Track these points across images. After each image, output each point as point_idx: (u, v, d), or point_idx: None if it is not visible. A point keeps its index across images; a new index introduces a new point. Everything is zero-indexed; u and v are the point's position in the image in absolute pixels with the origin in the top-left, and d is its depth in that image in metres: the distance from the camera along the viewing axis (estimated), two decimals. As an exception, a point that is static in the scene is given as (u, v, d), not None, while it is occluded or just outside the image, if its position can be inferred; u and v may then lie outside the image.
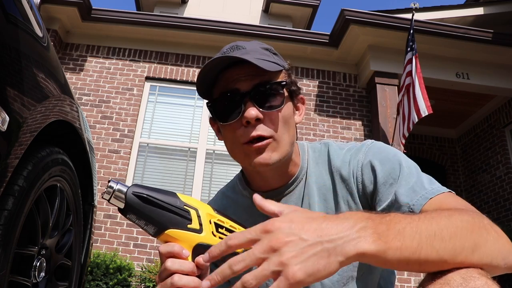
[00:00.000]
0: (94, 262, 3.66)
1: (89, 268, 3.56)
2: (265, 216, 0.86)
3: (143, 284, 3.81)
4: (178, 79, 5.10)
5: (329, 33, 5.10)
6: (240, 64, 0.78)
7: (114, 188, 0.59)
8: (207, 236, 0.62)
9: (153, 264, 3.90)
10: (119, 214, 4.35)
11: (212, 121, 0.89)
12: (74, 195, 1.28)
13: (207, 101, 0.85)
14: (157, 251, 3.80)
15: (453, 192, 0.72)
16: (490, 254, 0.55)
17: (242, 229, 0.67)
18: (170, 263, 0.59)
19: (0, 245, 0.81)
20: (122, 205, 0.60)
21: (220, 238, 0.63)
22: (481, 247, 0.54)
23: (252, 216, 0.87)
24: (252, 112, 0.75)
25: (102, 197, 0.60)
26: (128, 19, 5.03)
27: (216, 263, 0.91)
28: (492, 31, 4.84)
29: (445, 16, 5.43)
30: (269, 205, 0.58)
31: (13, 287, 0.93)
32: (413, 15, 4.43)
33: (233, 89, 0.78)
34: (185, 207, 0.62)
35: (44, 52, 1.09)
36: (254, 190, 0.89)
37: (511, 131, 5.62)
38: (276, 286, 0.46)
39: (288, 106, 0.82)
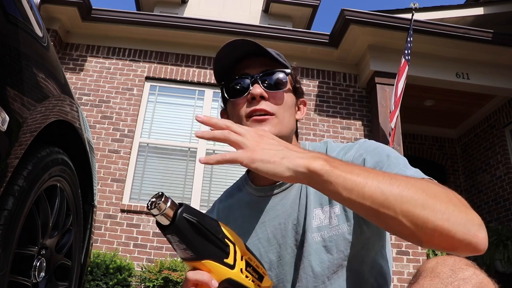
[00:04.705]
0: (94, 262, 3.66)
1: (89, 268, 3.56)
2: (265, 212, 0.91)
3: (143, 284, 3.81)
4: (178, 79, 5.10)
5: (329, 33, 5.10)
6: (254, 57, 0.90)
7: (167, 205, 0.56)
8: (237, 273, 0.62)
9: (153, 264, 3.90)
10: (119, 214, 4.35)
11: (223, 112, 0.98)
12: (74, 195, 1.28)
13: (219, 94, 0.94)
14: (157, 251, 3.79)
15: (435, 180, 0.71)
16: (447, 216, 0.55)
17: (264, 270, 0.69)
18: None
19: (0, 245, 0.81)
20: (167, 223, 0.56)
21: (247, 276, 0.64)
22: (435, 206, 0.55)
23: (253, 212, 0.93)
24: (258, 89, 0.86)
25: (148, 209, 0.56)
26: (128, 19, 5.03)
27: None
28: (492, 31, 4.84)
29: (445, 16, 5.43)
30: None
31: (13, 287, 0.93)
32: (412, 15, 4.43)
33: (244, 73, 0.89)
34: (226, 240, 0.61)
35: (44, 52, 1.09)
36: (256, 185, 0.94)
37: (511, 131, 5.62)
38: (237, 153, 0.63)
39: (290, 96, 0.92)
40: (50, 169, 1.05)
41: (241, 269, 0.63)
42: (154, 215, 0.56)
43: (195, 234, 0.57)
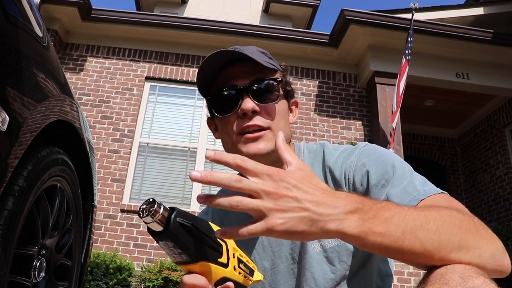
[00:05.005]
0: (94, 262, 3.66)
1: (89, 268, 3.56)
2: None
3: (143, 284, 3.81)
4: (178, 79, 5.10)
5: (329, 33, 5.10)
6: (238, 63, 0.81)
7: (160, 212, 0.53)
8: (230, 271, 0.63)
9: (153, 264, 3.90)
10: (119, 214, 4.35)
11: (210, 120, 0.91)
12: (74, 195, 1.28)
13: (206, 97, 0.87)
14: (157, 251, 3.78)
15: (447, 193, 0.71)
16: (479, 251, 0.55)
17: (254, 264, 0.69)
18: None
19: (0, 245, 0.81)
20: (160, 229, 0.54)
21: (239, 273, 0.64)
22: (469, 243, 0.55)
23: (249, 217, 0.89)
24: (249, 104, 0.78)
25: (140, 217, 0.52)
26: (128, 19, 5.03)
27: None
28: (492, 31, 4.84)
29: (445, 16, 5.43)
30: (285, 151, 0.58)
31: (13, 287, 0.93)
32: (412, 15, 4.43)
33: (231, 85, 0.81)
34: (218, 240, 0.61)
35: (44, 52, 1.09)
36: None
37: (511, 131, 5.62)
38: (254, 227, 0.50)
39: (283, 103, 0.86)
40: (50, 169, 1.05)
41: (234, 267, 0.64)
42: (146, 223, 0.53)
43: (189, 237, 0.56)
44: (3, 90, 0.80)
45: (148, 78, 5.11)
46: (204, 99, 0.89)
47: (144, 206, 0.54)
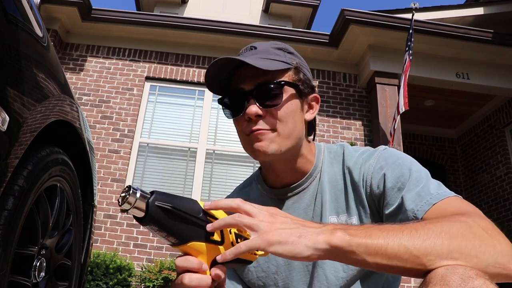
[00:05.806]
0: (94, 262, 3.66)
1: (89, 268, 3.56)
2: None
3: (143, 284, 3.81)
4: (178, 79, 5.10)
5: (329, 33, 5.10)
6: (248, 65, 0.81)
7: (136, 197, 0.54)
8: (227, 247, 0.62)
9: (153, 264, 3.90)
10: (119, 214, 4.35)
11: None
12: (74, 195, 1.28)
13: (219, 97, 0.89)
14: (157, 251, 3.78)
15: (460, 196, 0.71)
16: (475, 252, 0.55)
17: None
18: (188, 280, 0.59)
19: (0, 245, 0.81)
20: (141, 215, 0.55)
21: None
22: (460, 248, 0.55)
23: None
24: (253, 109, 0.80)
25: (119, 205, 0.54)
26: (128, 19, 5.03)
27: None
28: (492, 31, 4.84)
29: (445, 16, 5.43)
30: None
31: (13, 287, 0.93)
32: (413, 15, 4.43)
33: (238, 89, 0.83)
34: (208, 218, 0.61)
35: (44, 52, 1.09)
36: (269, 186, 0.93)
37: (511, 131, 5.62)
38: (250, 242, 0.59)
39: (293, 103, 0.84)
40: (50, 169, 1.05)
41: (232, 242, 0.63)
42: (126, 210, 0.54)
43: (172, 220, 0.56)
44: (3, 90, 0.80)
45: (148, 78, 5.11)
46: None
47: (123, 194, 0.54)
